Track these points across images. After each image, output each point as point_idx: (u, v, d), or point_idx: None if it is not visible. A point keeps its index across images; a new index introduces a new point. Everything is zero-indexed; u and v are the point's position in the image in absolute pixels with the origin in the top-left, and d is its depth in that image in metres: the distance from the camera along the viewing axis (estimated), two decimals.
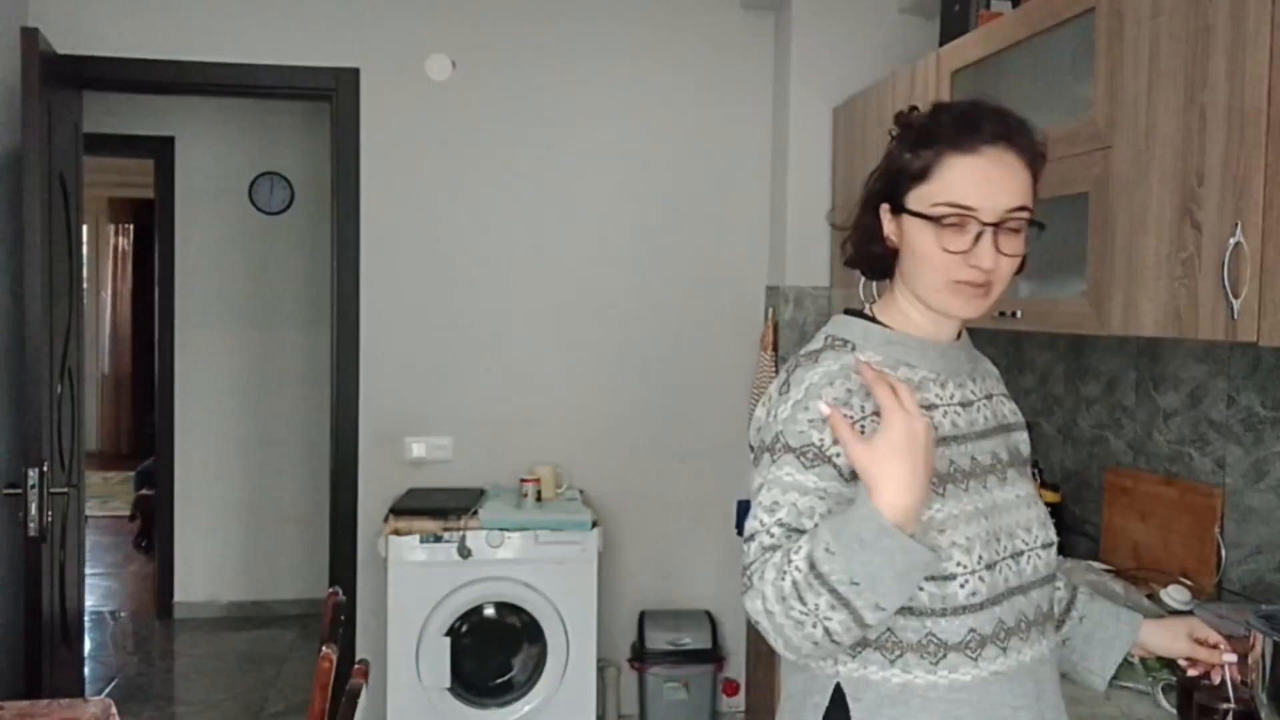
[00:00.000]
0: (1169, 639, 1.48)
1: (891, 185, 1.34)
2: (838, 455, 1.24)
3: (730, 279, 3.88)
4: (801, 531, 1.24)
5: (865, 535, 1.12)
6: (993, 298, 1.31)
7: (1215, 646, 1.45)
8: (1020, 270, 1.38)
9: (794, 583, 1.17)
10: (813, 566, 1.15)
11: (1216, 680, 1.46)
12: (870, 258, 1.40)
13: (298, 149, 5.30)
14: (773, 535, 1.24)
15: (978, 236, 1.26)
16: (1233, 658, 1.44)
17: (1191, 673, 1.49)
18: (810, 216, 3.67)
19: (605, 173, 3.81)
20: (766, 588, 1.20)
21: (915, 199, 1.31)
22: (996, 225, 1.26)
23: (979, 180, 1.27)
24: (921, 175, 1.30)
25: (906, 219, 1.31)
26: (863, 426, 1.26)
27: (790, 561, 1.18)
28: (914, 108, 1.38)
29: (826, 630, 1.17)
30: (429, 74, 3.69)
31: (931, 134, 1.31)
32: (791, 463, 1.26)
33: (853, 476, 1.24)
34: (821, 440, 1.25)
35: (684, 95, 3.83)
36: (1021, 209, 1.28)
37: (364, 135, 3.67)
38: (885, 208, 1.34)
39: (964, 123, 1.29)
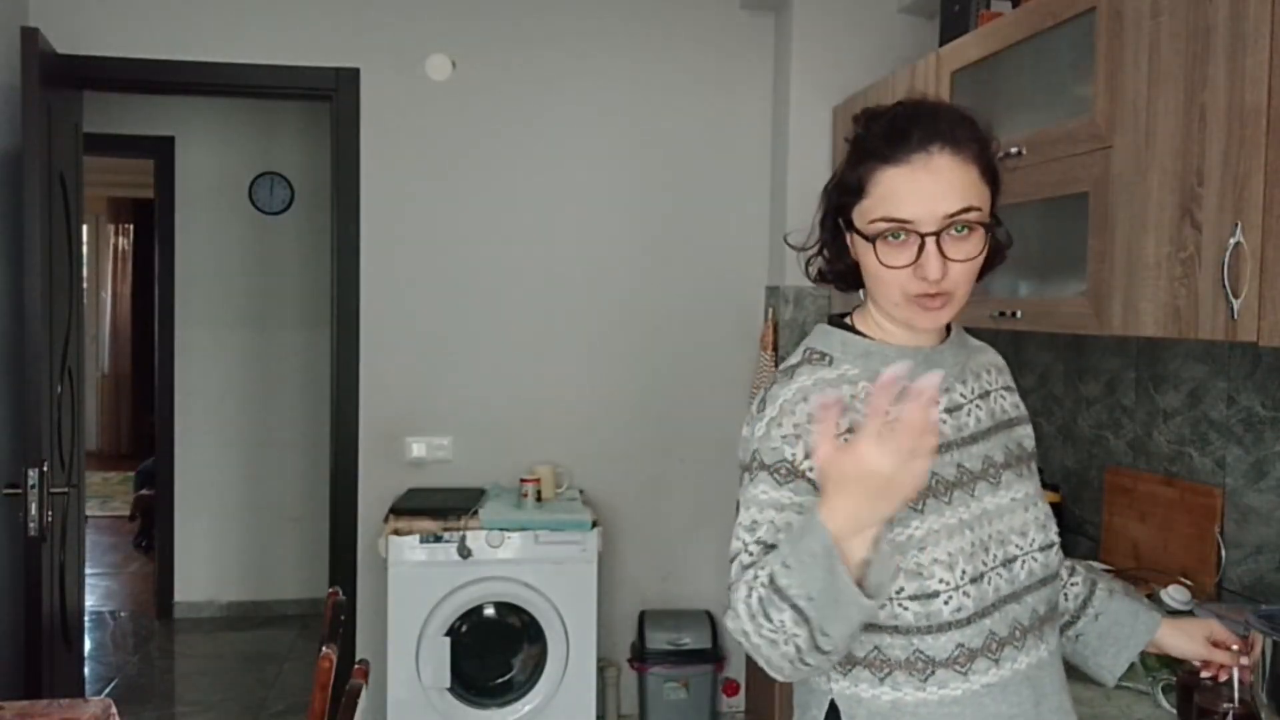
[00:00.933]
0: (1185, 640, 1.46)
1: (839, 202, 1.32)
2: (810, 470, 1.22)
3: (730, 279, 3.88)
4: (774, 546, 1.22)
5: (815, 549, 1.09)
6: (956, 305, 1.27)
7: (1232, 649, 1.43)
8: (997, 263, 1.35)
9: (760, 599, 1.15)
10: (772, 580, 1.14)
11: (1223, 679, 1.45)
12: (840, 275, 1.38)
13: (298, 149, 5.30)
14: (751, 554, 1.23)
15: (920, 248, 1.22)
16: (1247, 661, 1.44)
17: (1205, 674, 1.48)
18: (810, 216, 3.66)
19: (605, 173, 3.81)
20: (739, 605, 1.18)
21: (857, 216, 1.28)
22: (937, 233, 1.21)
23: (911, 191, 1.22)
24: (859, 191, 1.27)
25: (854, 236, 1.30)
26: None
27: (756, 578, 1.17)
28: (866, 113, 1.32)
29: (797, 648, 1.13)
30: (429, 74, 3.70)
31: (864, 147, 1.27)
32: (766, 480, 1.26)
33: None
34: (793, 455, 1.24)
35: (684, 95, 3.83)
36: (966, 210, 1.23)
37: (364, 135, 3.68)
38: (841, 223, 1.33)
39: (892, 132, 1.25)
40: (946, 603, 1.23)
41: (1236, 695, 1.44)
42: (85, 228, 5.92)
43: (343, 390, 3.70)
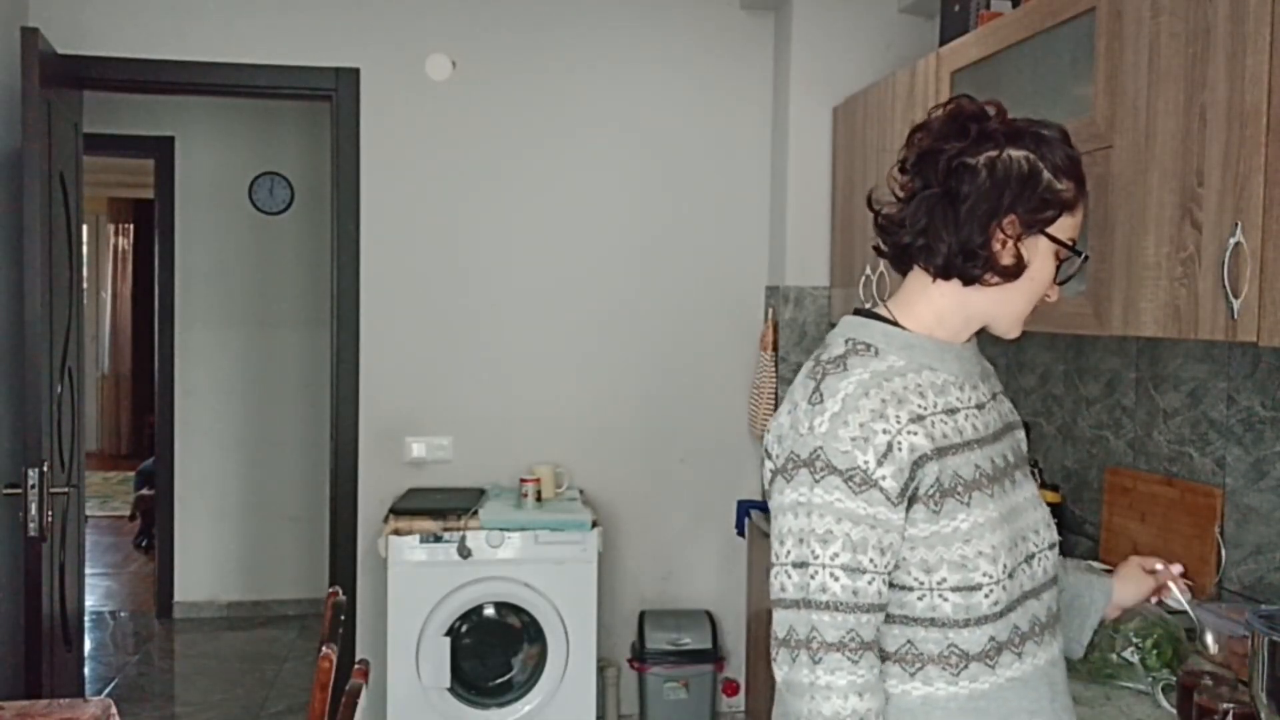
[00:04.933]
0: (1134, 588, 1.54)
1: (1037, 205, 1.28)
2: (884, 479, 1.21)
3: (730, 279, 3.88)
4: (860, 572, 1.21)
5: None
6: None
7: (1158, 569, 1.54)
8: None
9: None
10: None
11: (1168, 598, 1.53)
12: (919, 251, 1.32)
13: (298, 149, 5.30)
14: (837, 580, 1.21)
15: (1055, 272, 1.33)
16: (1178, 569, 1.54)
17: (1152, 600, 1.55)
18: (810, 216, 3.67)
19: (605, 173, 3.81)
20: (839, 678, 1.21)
21: (1059, 228, 1.30)
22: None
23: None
24: (1070, 206, 1.30)
25: (1039, 242, 1.30)
26: (899, 443, 1.22)
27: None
28: (994, 107, 1.32)
29: None
30: (429, 74, 3.69)
31: (1076, 169, 1.31)
32: (840, 487, 1.21)
33: (899, 499, 1.22)
34: (866, 463, 1.21)
35: (684, 95, 3.83)
36: None
37: (364, 135, 3.67)
38: (1012, 220, 1.28)
39: (1084, 177, 1.34)
40: (987, 596, 1.24)
41: (1183, 602, 1.53)
42: (85, 228, 5.92)
43: (343, 390, 3.70)
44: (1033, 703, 1.28)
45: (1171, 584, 1.52)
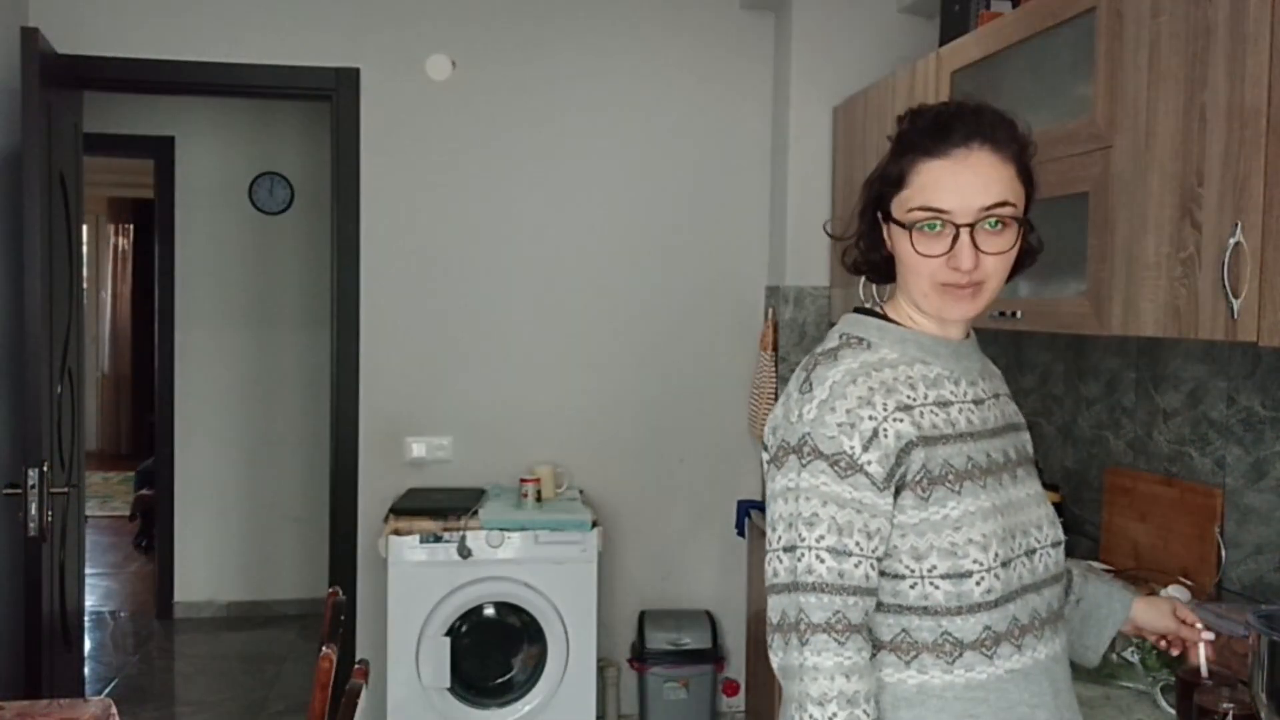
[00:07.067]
0: (1156, 616, 1.53)
1: (879, 194, 1.35)
2: (869, 464, 1.24)
3: (730, 279, 3.88)
4: (845, 554, 1.23)
5: None
6: (984, 298, 1.30)
7: (1195, 626, 1.50)
8: (1027, 265, 1.38)
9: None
10: None
11: (1194, 658, 1.51)
12: (873, 265, 1.42)
13: (298, 149, 5.30)
14: (823, 561, 1.23)
15: (954, 238, 1.27)
16: (1210, 637, 1.50)
17: (1174, 652, 1.54)
18: (810, 216, 3.67)
19: (605, 173, 3.81)
20: (826, 658, 1.23)
21: (895, 206, 1.32)
22: (972, 225, 1.26)
23: (950, 183, 1.27)
24: (899, 182, 1.31)
25: (891, 226, 1.33)
26: (885, 430, 1.25)
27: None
28: (911, 110, 1.38)
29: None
30: (429, 74, 3.70)
31: (908, 141, 1.32)
32: (826, 471, 1.24)
33: (885, 485, 1.24)
34: (852, 448, 1.24)
35: (684, 95, 3.83)
36: (1001, 204, 1.27)
37: (364, 135, 3.67)
38: (879, 215, 1.36)
39: (935, 127, 1.30)
40: (978, 583, 1.25)
41: (1205, 671, 1.50)
42: (85, 228, 5.92)
43: (343, 390, 3.70)
44: (1034, 696, 1.29)
45: (1202, 649, 1.49)
